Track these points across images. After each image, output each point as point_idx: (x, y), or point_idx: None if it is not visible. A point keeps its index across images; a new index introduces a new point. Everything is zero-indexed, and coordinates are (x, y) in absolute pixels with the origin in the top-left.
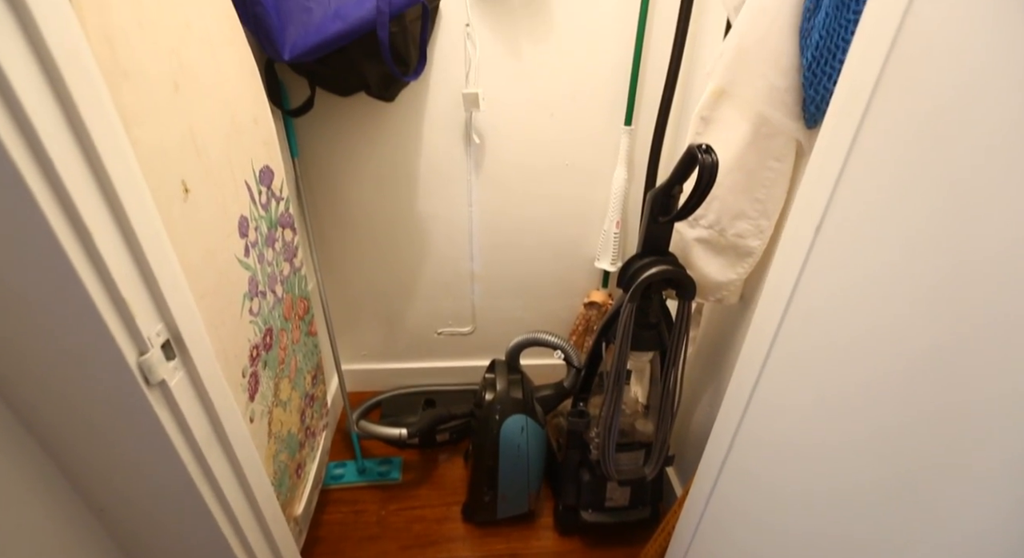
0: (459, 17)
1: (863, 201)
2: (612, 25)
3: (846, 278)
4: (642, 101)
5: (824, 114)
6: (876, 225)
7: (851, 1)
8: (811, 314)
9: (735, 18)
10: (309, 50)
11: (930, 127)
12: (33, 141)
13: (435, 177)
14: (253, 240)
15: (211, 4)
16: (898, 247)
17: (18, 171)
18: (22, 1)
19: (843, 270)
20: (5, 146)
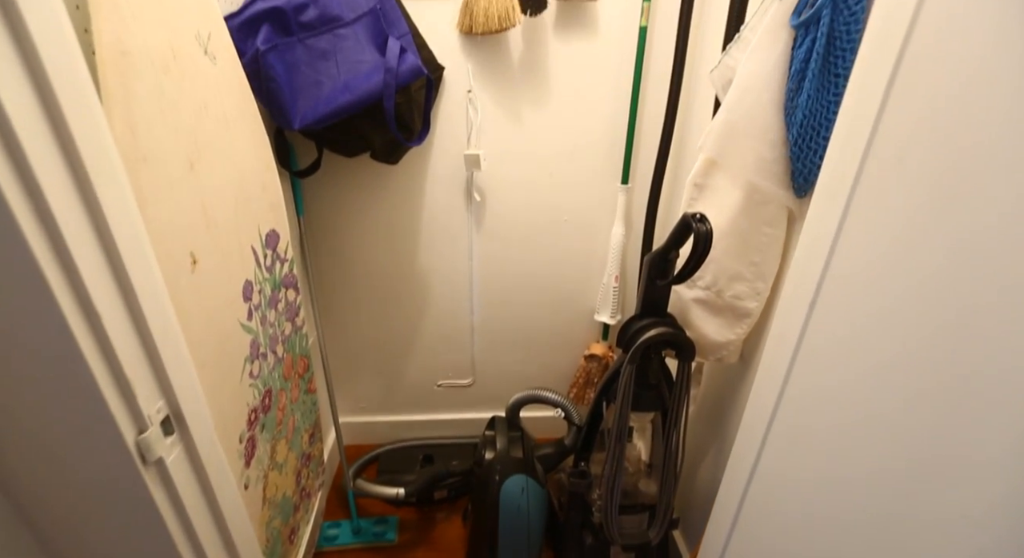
0: (462, 84)
1: (856, 270)
2: (608, 91)
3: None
4: (638, 161)
5: (812, 185)
6: (870, 293)
7: (831, 85)
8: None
9: (723, 96)
10: (318, 120)
11: (915, 204)
12: (51, 227)
13: (436, 232)
14: (256, 303)
15: (228, 84)
16: (891, 317)
17: (32, 255)
18: (55, 100)
19: (840, 339)
20: (23, 233)
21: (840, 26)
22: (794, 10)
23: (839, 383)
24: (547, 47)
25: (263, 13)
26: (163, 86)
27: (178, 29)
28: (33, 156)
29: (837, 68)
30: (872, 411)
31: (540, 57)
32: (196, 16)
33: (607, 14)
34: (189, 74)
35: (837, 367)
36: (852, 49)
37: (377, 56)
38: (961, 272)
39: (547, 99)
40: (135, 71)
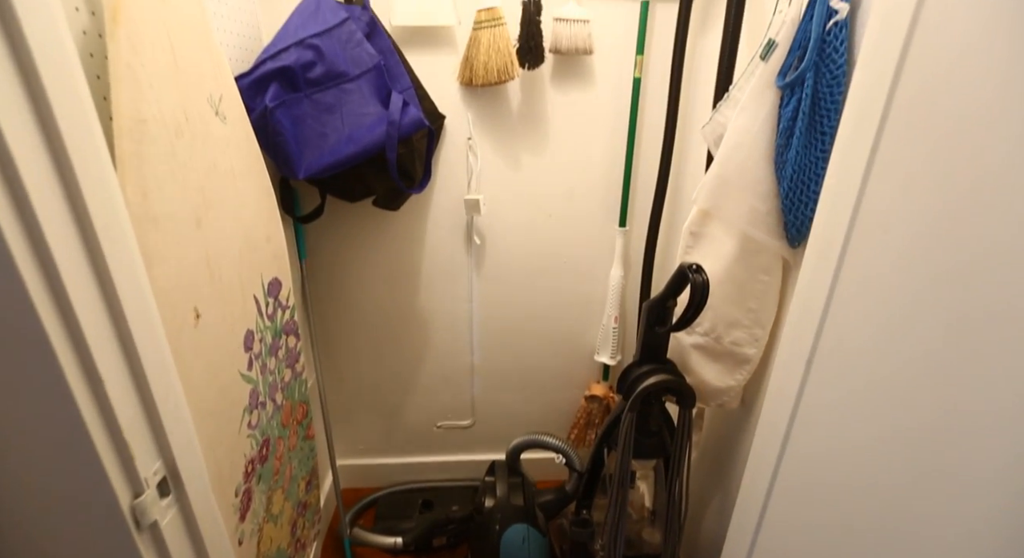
0: (462, 131)
1: (850, 334)
2: (604, 138)
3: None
4: (635, 204)
5: (805, 236)
6: (865, 356)
7: (817, 142)
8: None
9: (715, 150)
10: (322, 170)
11: (904, 280)
12: (58, 291)
13: (437, 274)
14: (257, 352)
15: (236, 142)
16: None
17: (39, 319)
18: (69, 165)
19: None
20: (30, 297)
21: (823, 88)
22: (779, 71)
23: (841, 438)
24: (545, 97)
25: (273, 72)
26: (175, 149)
27: (192, 93)
28: (45, 220)
29: (823, 126)
30: (876, 465)
31: (538, 106)
32: (209, 80)
33: (602, 66)
34: (200, 135)
35: (837, 423)
36: (836, 109)
37: (381, 109)
38: (952, 352)
39: (545, 145)
40: (150, 137)
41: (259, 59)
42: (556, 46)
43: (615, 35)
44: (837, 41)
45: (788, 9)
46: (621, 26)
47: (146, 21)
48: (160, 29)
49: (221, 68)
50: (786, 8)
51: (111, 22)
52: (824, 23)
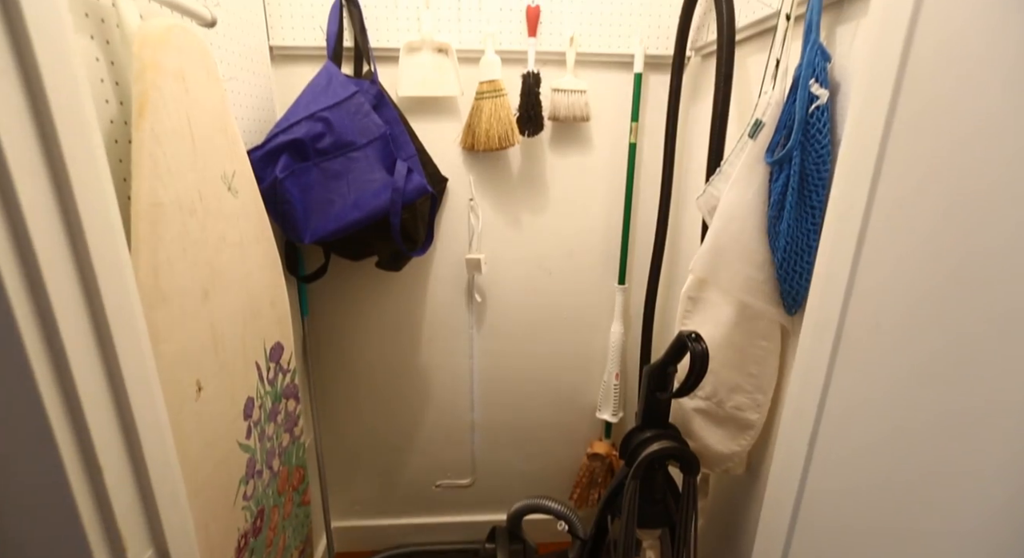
0: (464, 193)
1: (850, 411)
2: (602, 199)
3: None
4: (634, 262)
5: (802, 304)
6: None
7: (808, 215)
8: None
9: (709, 219)
10: (328, 235)
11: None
12: (63, 372)
13: (438, 331)
14: (256, 419)
15: (246, 213)
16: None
17: (42, 404)
18: (85, 246)
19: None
20: (35, 378)
21: (810, 165)
22: (767, 148)
23: (851, 509)
24: (544, 160)
25: (284, 145)
26: (188, 228)
27: (207, 174)
28: (57, 302)
29: (812, 201)
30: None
31: (538, 169)
32: (224, 158)
33: (599, 132)
34: (212, 212)
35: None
36: (823, 185)
37: (386, 175)
38: (955, 420)
39: (545, 206)
40: (165, 219)
41: (272, 133)
42: (555, 114)
43: (611, 103)
44: (820, 123)
45: (772, 92)
46: (616, 95)
47: (170, 112)
48: (182, 118)
49: (236, 145)
50: (771, 91)
51: (137, 115)
52: (806, 107)
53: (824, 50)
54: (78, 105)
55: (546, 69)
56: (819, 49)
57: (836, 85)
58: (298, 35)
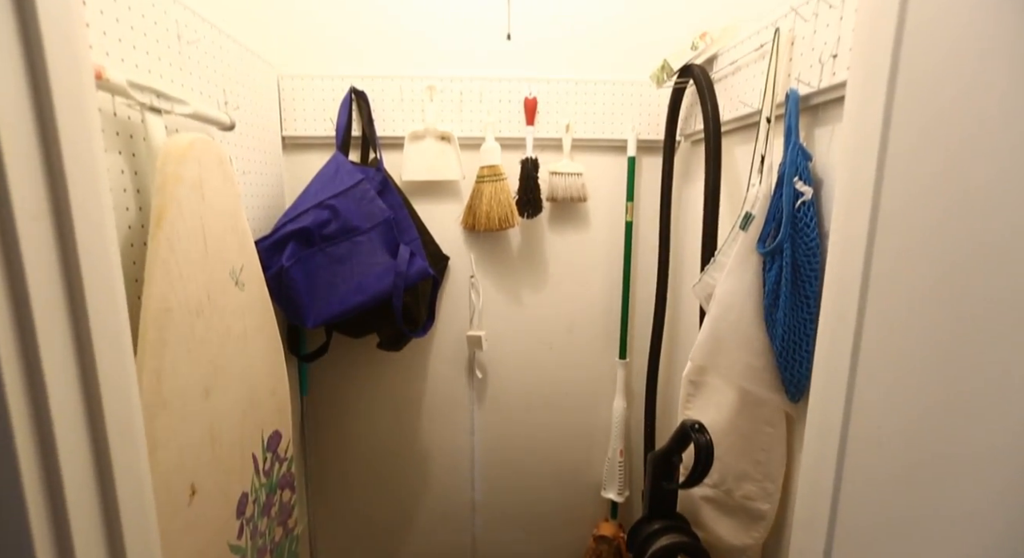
0: (465, 270)
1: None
2: (601, 275)
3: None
4: (634, 336)
5: (804, 392)
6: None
7: (803, 305)
8: None
9: (706, 306)
10: (330, 318)
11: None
12: (54, 487)
13: (438, 408)
14: (249, 515)
15: (251, 306)
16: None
17: (27, 518)
18: (91, 352)
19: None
20: (23, 489)
21: (801, 257)
22: (759, 239)
23: None
24: (543, 238)
25: (291, 234)
26: (194, 328)
27: (216, 273)
28: (56, 410)
29: (806, 291)
30: None
31: (537, 246)
32: (234, 254)
33: (596, 211)
34: (219, 308)
35: None
36: (816, 276)
37: (389, 259)
38: (965, 499)
39: (545, 282)
40: (173, 323)
41: (280, 222)
42: (553, 195)
43: (607, 184)
44: (807, 217)
45: (760, 186)
46: (612, 177)
47: (185, 221)
48: (196, 224)
49: (245, 240)
50: (758, 184)
51: (155, 226)
52: (793, 202)
53: (805, 150)
54: (100, 220)
55: (544, 154)
56: (800, 149)
57: (819, 181)
58: (309, 126)
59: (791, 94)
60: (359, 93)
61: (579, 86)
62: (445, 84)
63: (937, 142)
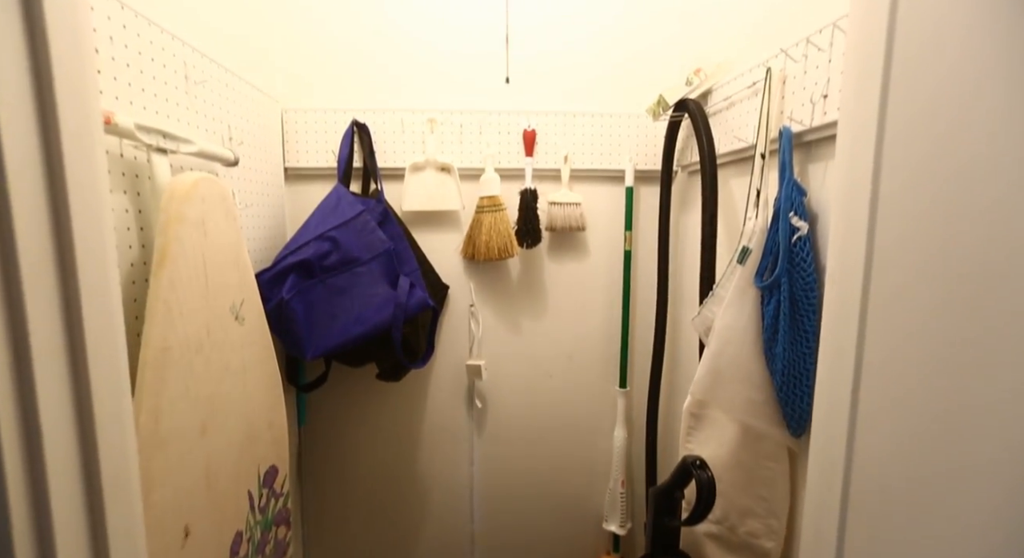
0: (464, 299)
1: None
2: (600, 303)
3: None
4: (634, 365)
5: (805, 427)
6: None
7: (802, 339)
8: None
9: (706, 339)
10: (330, 350)
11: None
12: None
13: (437, 439)
14: (243, 555)
15: (251, 340)
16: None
17: None
18: (89, 398)
19: None
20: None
21: (799, 291)
22: (756, 272)
23: None
24: (543, 267)
25: (292, 266)
26: (193, 366)
27: (217, 308)
28: (50, 450)
29: (805, 326)
30: None
31: (537, 275)
32: (234, 289)
33: (595, 240)
34: (218, 344)
35: None
36: (814, 311)
37: (388, 290)
38: None
39: (544, 311)
40: (172, 362)
41: (281, 255)
42: (551, 225)
43: (605, 214)
44: (804, 252)
45: (756, 220)
46: (610, 206)
47: (187, 259)
48: (198, 262)
49: (246, 274)
50: (754, 218)
51: (157, 266)
52: (789, 237)
53: (799, 186)
54: (103, 263)
55: (543, 184)
56: (794, 185)
57: (814, 216)
58: (311, 158)
59: (784, 131)
60: (361, 126)
61: (577, 118)
62: (445, 117)
63: (927, 178)
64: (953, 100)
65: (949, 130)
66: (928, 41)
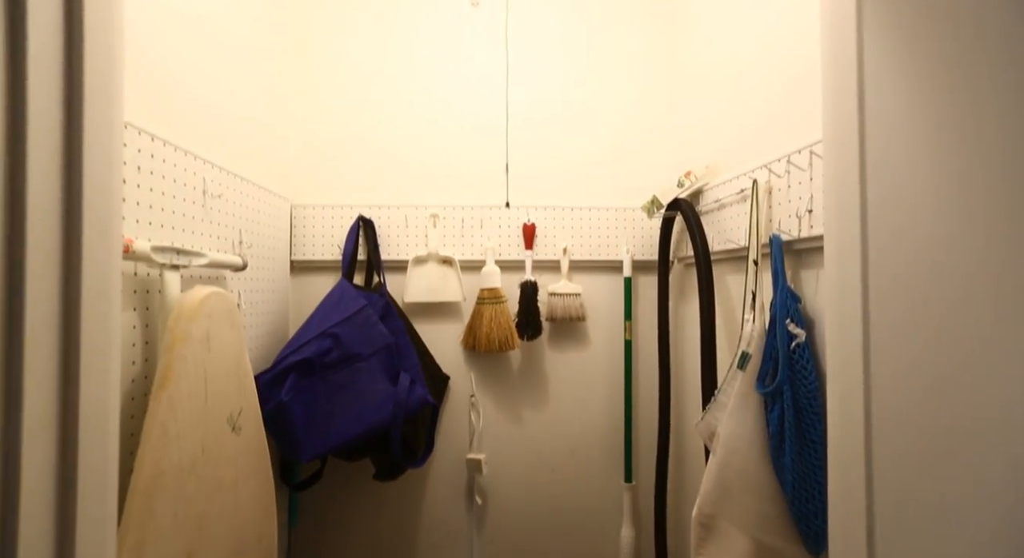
0: (465, 390)
1: None
2: (603, 393)
3: None
4: (639, 458)
5: (824, 546)
6: None
7: (810, 450)
8: None
9: (711, 444)
10: (326, 452)
11: None
12: None
13: (435, 539)
14: None
15: (247, 449)
16: None
17: None
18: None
19: None
20: None
21: (803, 399)
22: (758, 378)
23: None
24: (544, 356)
25: (293, 365)
26: (184, 488)
27: (214, 422)
28: None
29: (812, 436)
30: None
31: (537, 365)
32: (233, 398)
33: (595, 330)
34: (213, 458)
35: None
36: (819, 419)
37: (388, 386)
38: None
39: (546, 401)
40: (163, 488)
41: (282, 354)
42: (552, 315)
43: (605, 304)
44: (804, 360)
45: (754, 325)
46: (609, 296)
47: (189, 378)
48: (200, 378)
49: (246, 381)
50: (752, 322)
51: (158, 387)
52: (787, 344)
53: (793, 293)
54: (105, 387)
55: (543, 275)
56: (788, 292)
57: (811, 322)
58: (317, 251)
59: (774, 240)
60: (366, 221)
61: (575, 212)
62: (448, 212)
63: (912, 283)
64: (928, 215)
65: (926, 243)
66: (899, 167)
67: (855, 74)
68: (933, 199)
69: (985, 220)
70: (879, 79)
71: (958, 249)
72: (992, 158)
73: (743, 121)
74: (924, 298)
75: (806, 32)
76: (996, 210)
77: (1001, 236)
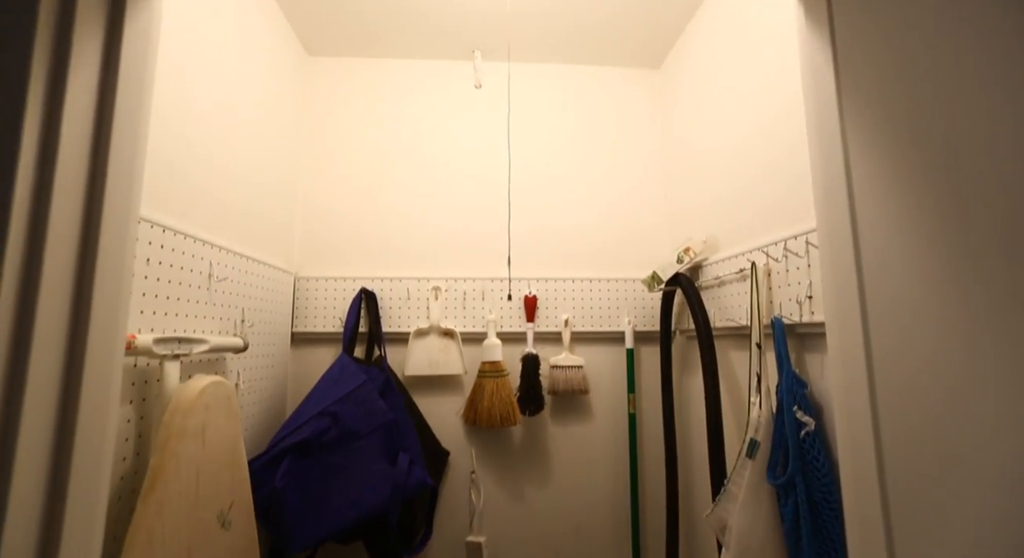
0: (465, 466)
1: None
2: (607, 469)
3: None
4: (647, 539)
5: None
6: None
7: (829, 550)
8: None
9: (722, 538)
10: (319, 541)
11: None
12: None
13: None
14: None
15: (235, 547)
16: None
17: None
18: None
19: None
20: None
21: (817, 493)
22: (768, 467)
23: None
24: (546, 430)
25: (290, 447)
26: None
27: (203, 518)
28: None
29: (829, 532)
30: None
31: (540, 439)
32: (225, 492)
33: (598, 403)
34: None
35: None
36: (836, 515)
37: (387, 467)
38: None
39: (548, 478)
40: None
41: (279, 436)
42: (554, 388)
43: (607, 376)
44: (815, 449)
45: (761, 411)
46: (612, 368)
47: (180, 477)
48: (191, 476)
49: (240, 472)
50: (759, 406)
51: (148, 488)
52: (797, 433)
53: (799, 378)
54: (95, 491)
55: (544, 347)
56: (794, 377)
57: (819, 408)
58: (319, 323)
59: (776, 323)
60: (369, 293)
61: (576, 284)
62: (449, 284)
63: (915, 361)
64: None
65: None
66: (892, 256)
67: (843, 178)
68: (934, 298)
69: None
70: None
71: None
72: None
73: (740, 200)
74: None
75: (800, 118)
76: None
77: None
